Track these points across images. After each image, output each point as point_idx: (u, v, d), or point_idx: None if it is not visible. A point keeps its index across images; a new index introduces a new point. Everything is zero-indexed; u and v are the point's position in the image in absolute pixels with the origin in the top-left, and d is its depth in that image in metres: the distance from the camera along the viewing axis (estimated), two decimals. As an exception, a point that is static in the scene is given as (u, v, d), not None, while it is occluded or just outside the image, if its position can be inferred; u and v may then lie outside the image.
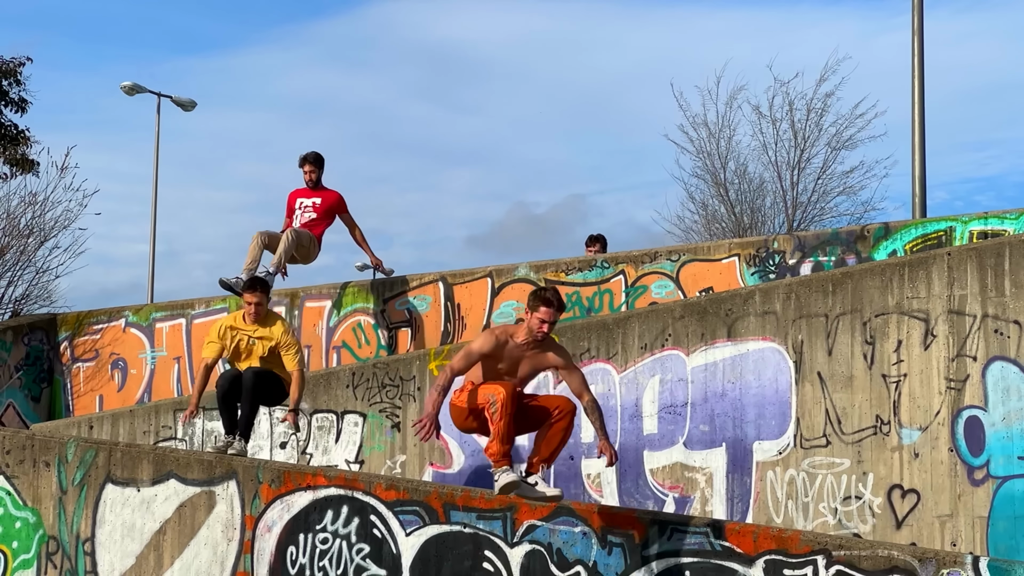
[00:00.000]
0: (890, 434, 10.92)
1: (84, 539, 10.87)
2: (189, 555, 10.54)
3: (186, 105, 37.36)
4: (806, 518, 11.10)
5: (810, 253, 14.62)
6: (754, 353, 11.47)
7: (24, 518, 11.16)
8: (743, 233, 30.96)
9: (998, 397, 10.63)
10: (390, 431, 12.73)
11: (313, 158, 14.72)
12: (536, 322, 8.93)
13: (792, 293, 11.43)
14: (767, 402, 11.38)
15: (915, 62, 20.36)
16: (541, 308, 8.90)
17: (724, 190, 32.29)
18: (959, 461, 10.69)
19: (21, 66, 29.31)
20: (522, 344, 9.03)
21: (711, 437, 11.55)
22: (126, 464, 10.86)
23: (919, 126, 20.19)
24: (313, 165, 14.72)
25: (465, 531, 9.65)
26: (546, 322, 8.93)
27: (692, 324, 11.73)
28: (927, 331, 10.89)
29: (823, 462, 11.13)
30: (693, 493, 11.56)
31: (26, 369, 17.32)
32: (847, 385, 11.11)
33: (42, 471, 11.14)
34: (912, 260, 11.17)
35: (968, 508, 10.60)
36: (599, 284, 15.10)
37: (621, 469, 11.72)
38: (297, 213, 14.70)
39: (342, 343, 15.93)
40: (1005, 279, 10.69)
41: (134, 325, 17.26)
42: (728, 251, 15.01)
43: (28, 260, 27.01)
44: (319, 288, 16.38)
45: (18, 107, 29.19)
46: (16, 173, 27.67)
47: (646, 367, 11.85)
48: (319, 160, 14.72)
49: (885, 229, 14.53)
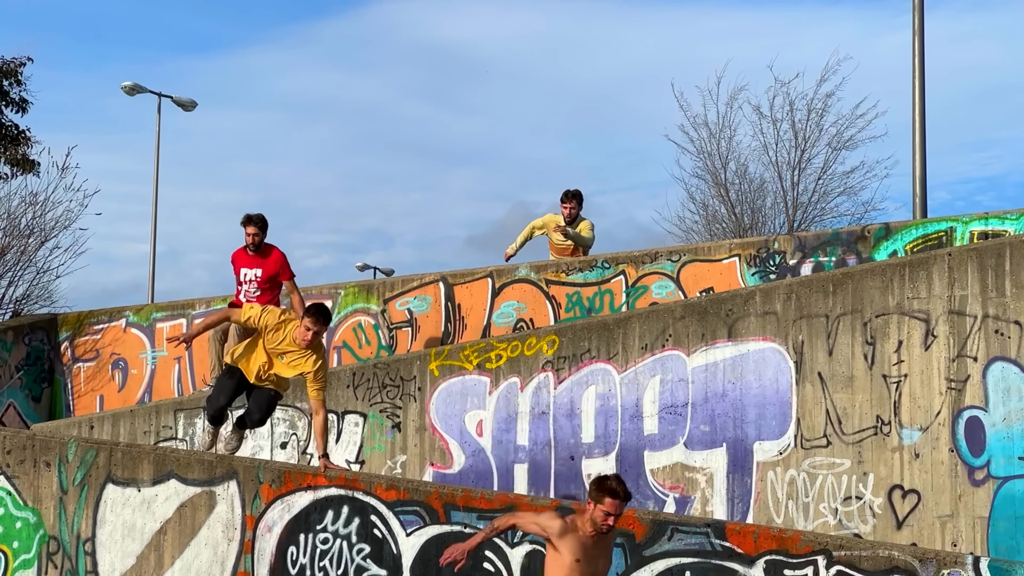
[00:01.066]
0: (891, 434, 10.92)
1: (85, 539, 10.88)
2: (190, 555, 10.54)
3: (186, 105, 37.35)
4: (807, 518, 11.10)
5: (811, 253, 14.62)
6: (755, 353, 11.47)
7: (25, 518, 11.16)
8: (744, 233, 30.93)
9: (999, 397, 10.63)
10: (390, 431, 12.73)
11: (257, 219, 13.72)
12: (600, 515, 8.05)
13: (793, 293, 11.43)
14: (768, 402, 11.38)
15: (916, 62, 20.35)
16: (607, 500, 8.03)
17: (725, 190, 32.25)
18: (960, 461, 10.68)
19: (22, 66, 29.29)
20: (589, 535, 8.14)
21: (712, 437, 11.55)
22: (127, 464, 10.86)
23: (920, 126, 20.18)
24: (256, 227, 13.69)
25: (466, 531, 9.65)
26: (612, 515, 8.06)
27: (693, 324, 11.73)
28: (928, 331, 10.89)
29: (824, 462, 11.13)
30: (694, 493, 11.56)
31: (27, 369, 17.32)
32: (848, 385, 11.11)
33: (43, 471, 11.14)
34: (913, 260, 11.17)
35: (969, 508, 10.60)
36: (599, 284, 15.10)
37: (622, 469, 11.72)
38: (243, 288, 13.70)
39: (342, 343, 15.94)
40: (1006, 279, 10.69)
41: (135, 325, 17.26)
42: (729, 251, 15.01)
43: (29, 260, 27.06)
44: (319, 288, 16.38)
45: (19, 107, 29.17)
46: (17, 173, 27.68)
47: (647, 367, 11.85)
48: (263, 223, 13.73)
49: (886, 229, 14.53)
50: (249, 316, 11.02)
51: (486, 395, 12.42)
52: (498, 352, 12.44)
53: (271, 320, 10.92)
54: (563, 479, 11.95)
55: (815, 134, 31.48)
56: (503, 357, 12.40)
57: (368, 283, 16.38)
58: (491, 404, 12.39)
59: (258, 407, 11.20)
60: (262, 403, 11.19)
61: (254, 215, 13.78)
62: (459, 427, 12.48)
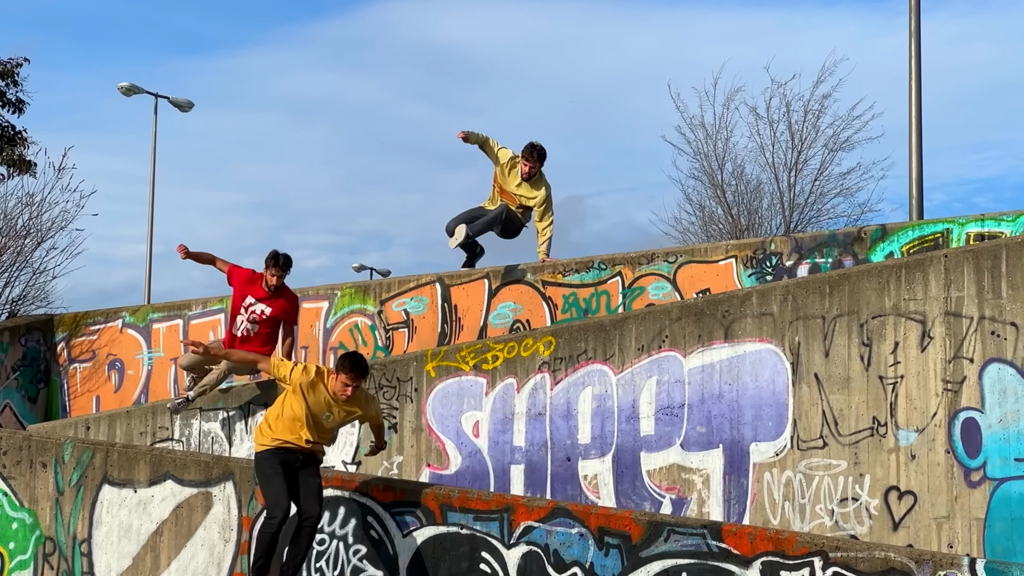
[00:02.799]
0: (887, 436, 10.92)
1: (81, 540, 10.87)
2: (186, 556, 10.53)
3: (183, 106, 37.35)
4: (803, 520, 11.10)
5: (807, 255, 14.63)
6: (751, 355, 11.48)
7: (21, 519, 11.15)
8: (740, 235, 30.94)
9: (995, 399, 10.64)
10: (387, 432, 12.73)
11: (285, 262, 13.16)
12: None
13: (789, 295, 11.44)
14: (764, 404, 11.38)
15: (912, 64, 20.38)
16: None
17: (721, 191, 32.27)
18: (956, 463, 10.69)
19: (18, 67, 29.29)
20: None
21: (708, 438, 11.56)
22: (123, 465, 10.85)
23: (916, 128, 20.21)
24: (282, 270, 13.18)
25: (462, 532, 9.65)
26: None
27: (689, 325, 11.73)
28: (924, 333, 10.90)
29: (820, 464, 11.14)
30: (690, 494, 11.56)
31: (23, 370, 17.32)
32: (844, 387, 11.11)
33: (39, 472, 11.13)
34: (909, 262, 11.17)
35: (965, 510, 10.60)
36: (596, 285, 15.10)
37: (618, 470, 11.73)
38: (242, 316, 13.19)
39: (339, 344, 15.93)
40: (1002, 281, 10.70)
41: (131, 326, 17.26)
42: (725, 253, 15.01)
43: (25, 261, 27.06)
44: (316, 289, 16.38)
45: (15, 108, 29.17)
46: (13, 174, 27.69)
47: (643, 368, 11.85)
48: (289, 266, 13.22)
49: (882, 231, 14.54)
50: (283, 375, 10.08)
51: (483, 396, 12.42)
52: (495, 353, 12.44)
53: (305, 380, 9.99)
54: (559, 480, 11.94)
55: (812, 135, 31.54)
56: (499, 358, 12.40)
57: (365, 284, 16.38)
58: (487, 405, 12.39)
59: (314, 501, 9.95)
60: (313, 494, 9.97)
61: (282, 255, 13.20)
62: (456, 428, 12.47)
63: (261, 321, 13.20)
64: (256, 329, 13.18)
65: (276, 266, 13.14)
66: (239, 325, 13.24)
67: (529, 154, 14.90)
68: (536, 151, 14.92)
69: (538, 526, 9.42)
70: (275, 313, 13.22)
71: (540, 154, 14.95)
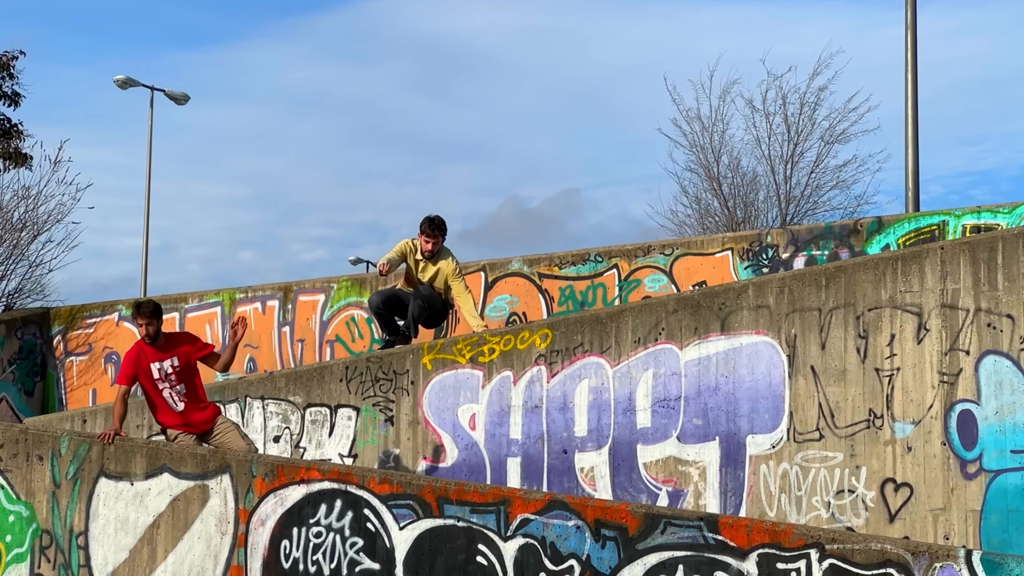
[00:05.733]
0: (883, 428, 10.93)
1: (78, 533, 10.87)
2: (183, 549, 10.53)
3: (179, 99, 37.30)
4: (799, 512, 11.12)
5: (803, 247, 14.65)
6: (747, 347, 11.48)
7: (17, 512, 11.15)
8: (736, 227, 30.92)
9: (991, 391, 10.65)
10: (383, 425, 12.73)
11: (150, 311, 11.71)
12: None
13: (785, 287, 11.44)
14: (760, 396, 11.39)
15: (908, 56, 20.38)
16: None
17: (717, 184, 32.24)
18: (952, 455, 10.70)
19: (14, 60, 29.29)
20: None
21: (704, 431, 11.57)
22: (119, 458, 10.85)
23: (912, 120, 20.21)
24: (150, 318, 11.64)
25: (459, 525, 9.65)
26: None
27: (685, 318, 11.74)
28: (920, 325, 10.91)
29: (816, 456, 11.15)
30: (686, 487, 11.57)
31: (19, 363, 17.32)
32: (840, 379, 11.12)
33: (35, 465, 11.13)
34: (905, 254, 11.18)
35: (961, 502, 10.62)
36: (592, 278, 15.11)
37: (615, 463, 11.74)
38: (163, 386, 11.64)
39: (335, 337, 15.94)
40: (998, 273, 10.70)
41: (127, 319, 17.25)
42: (721, 245, 15.03)
43: (21, 254, 27.01)
44: (312, 282, 16.38)
45: (11, 101, 29.17)
46: (9, 167, 27.67)
47: (639, 361, 11.85)
48: (157, 312, 11.77)
49: (878, 223, 14.56)
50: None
51: (479, 389, 12.42)
52: (491, 346, 12.44)
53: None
54: (556, 473, 11.95)
55: (808, 128, 31.48)
56: (496, 351, 12.40)
57: (361, 277, 16.39)
58: (484, 398, 12.39)
59: None
60: None
61: (143, 301, 12.24)
62: (452, 421, 12.48)
63: (177, 374, 11.68)
64: (183, 389, 11.68)
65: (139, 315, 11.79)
66: (168, 398, 11.68)
67: (428, 228, 13.72)
68: (433, 225, 13.75)
69: (535, 519, 9.42)
70: (182, 359, 11.72)
71: (439, 227, 13.78)
